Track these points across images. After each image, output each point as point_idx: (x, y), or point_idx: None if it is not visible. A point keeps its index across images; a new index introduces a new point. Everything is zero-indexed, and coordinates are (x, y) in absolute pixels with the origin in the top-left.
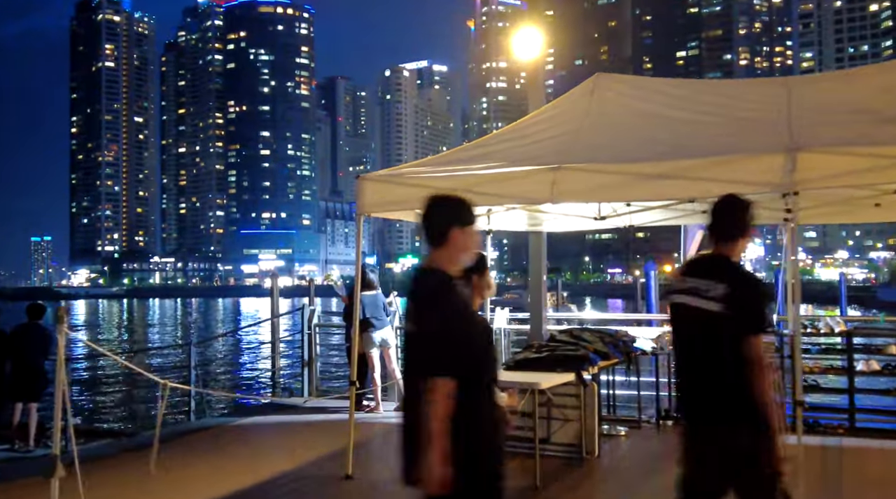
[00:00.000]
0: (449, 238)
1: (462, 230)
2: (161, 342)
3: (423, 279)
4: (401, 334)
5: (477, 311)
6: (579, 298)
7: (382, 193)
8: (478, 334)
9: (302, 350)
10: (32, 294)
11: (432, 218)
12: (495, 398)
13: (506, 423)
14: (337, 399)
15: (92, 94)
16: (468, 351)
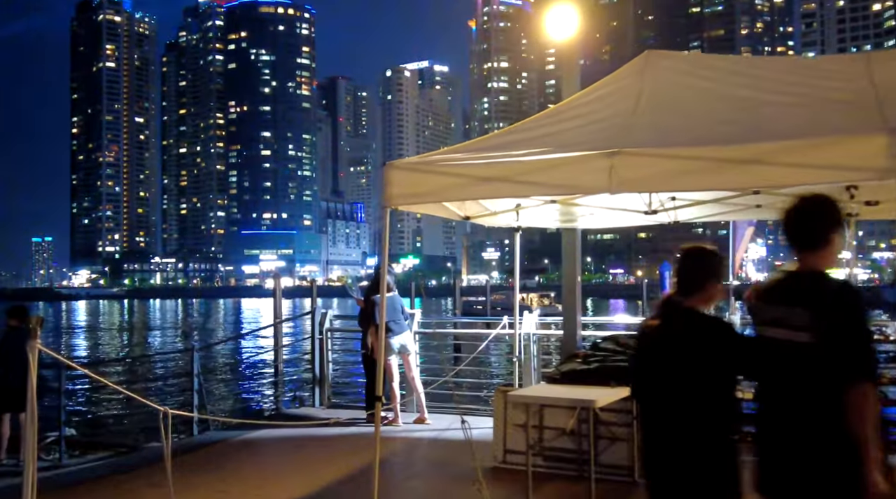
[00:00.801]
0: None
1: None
2: (162, 345)
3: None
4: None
5: None
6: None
7: (412, 184)
8: None
9: (313, 356)
10: (33, 295)
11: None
12: None
13: None
14: (352, 410)
15: (93, 95)
16: None
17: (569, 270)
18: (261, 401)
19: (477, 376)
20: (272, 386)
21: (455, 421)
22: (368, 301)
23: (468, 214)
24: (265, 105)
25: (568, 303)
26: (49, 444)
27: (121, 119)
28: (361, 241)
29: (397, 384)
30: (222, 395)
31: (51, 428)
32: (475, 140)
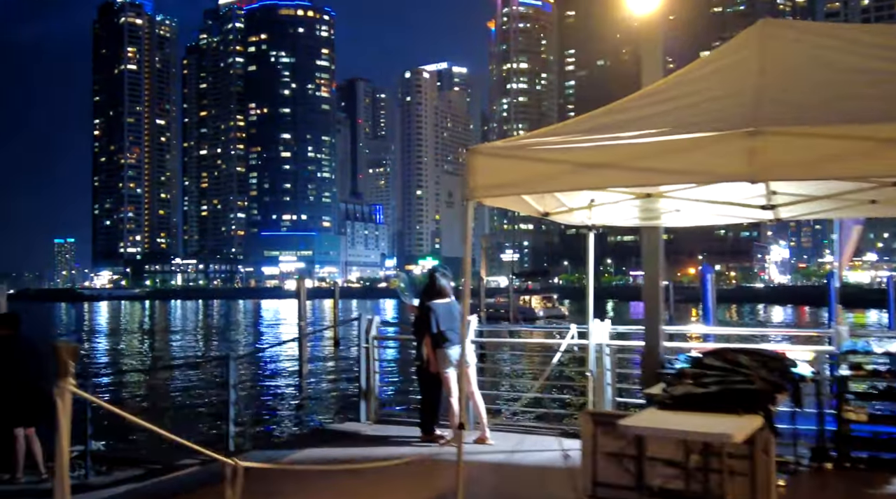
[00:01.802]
0: None
1: None
2: (195, 350)
3: None
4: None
5: None
6: (601, 301)
7: (500, 172)
8: None
9: (359, 367)
10: (56, 295)
11: None
12: None
13: None
14: (401, 426)
15: (114, 97)
16: None
17: (650, 274)
18: (302, 414)
19: (527, 390)
20: (314, 398)
21: (520, 442)
22: (424, 307)
23: (547, 210)
24: (285, 107)
25: (649, 312)
26: (74, 459)
27: (142, 121)
28: (380, 242)
29: (456, 400)
30: (260, 406)
31: (74, 441)
32: (564, 123)
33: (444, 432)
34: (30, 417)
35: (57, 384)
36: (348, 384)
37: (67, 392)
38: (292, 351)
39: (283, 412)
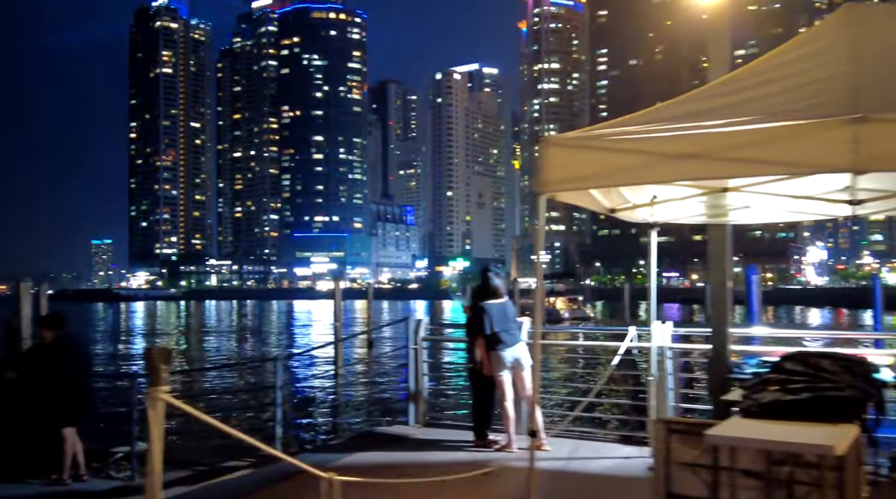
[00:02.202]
0: None
1: None
2: (233, 350)
3: None
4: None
5: None
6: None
7: (574, 164)
8: None
9: (408, 369)
10: (93, 296)
11: None
12: None
13: None
14: (450, 430)
15: (150, 101)
16: None
17: (717, 274)
18: (348, 417)
19: (584, 394)
20: (355, 399)
21: (576, 448)
22: (477, 308)
23: (614, 206)
24: (317, 109)
25: (717, 314)
26: (119, 459)
27: (177, 124)
28: (411, 243)
29: (511, 404)
30: (302, 408)
31: (118, 442)
32: (641, 112)
33: (497, 437)
34: (77, 417)
35: (148, 391)
36: (387, 386)
37: (160, 400)
38: (326, 352)
39: (326, 414)
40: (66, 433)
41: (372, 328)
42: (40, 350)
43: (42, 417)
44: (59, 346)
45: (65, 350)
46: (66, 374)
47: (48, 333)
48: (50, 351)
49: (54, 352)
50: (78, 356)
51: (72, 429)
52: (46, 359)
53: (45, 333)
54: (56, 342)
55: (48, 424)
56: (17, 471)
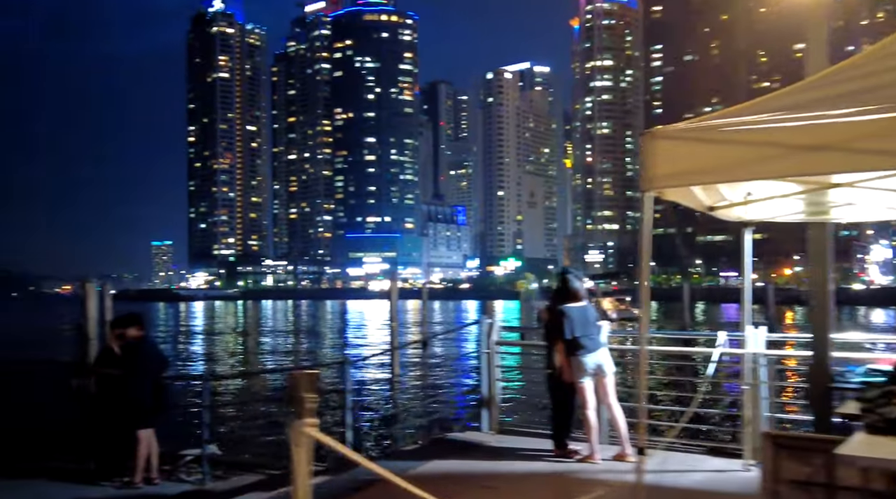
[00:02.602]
0: None
1: None
2: (298, 351)
3: None
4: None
5: None
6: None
7: (684, 158)
8: None
9: (481, 374)
10: (154, 296)
11: None
12: None
13: None
14: (525, 437)
15: (207, 105)
16: None
17: (818, 276)
18: (413, 421)
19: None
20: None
21: (664, 460)
22: (556, 312)
23: (712, 203)
24: (369, 111)
25: (818, 319)
26: (189, 462)
27: (234, 128)
28: (462, 243)
29: (593, 412)
30: (370, 412)
31: (188, 444)
32: (753, 101)
33: (577, 447)
34: (153, 418)
35: (293, 424)
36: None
37: (306, 434)
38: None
39: (389, 418)
40: (141, 435)
41: (446, 331)
42: (126, 351)
43: (119, 418)
44: (141, 346)
45: (146, 350)
46: (146, 374)
47: (134, 332)
48: (132, 351)
49: (137, 352)
50: (156, 356)
51: (148, 430)
52: (128, 359)
53: (131, 332)
54: (142, 343)
55: (125, 425)
56: (90, 473)
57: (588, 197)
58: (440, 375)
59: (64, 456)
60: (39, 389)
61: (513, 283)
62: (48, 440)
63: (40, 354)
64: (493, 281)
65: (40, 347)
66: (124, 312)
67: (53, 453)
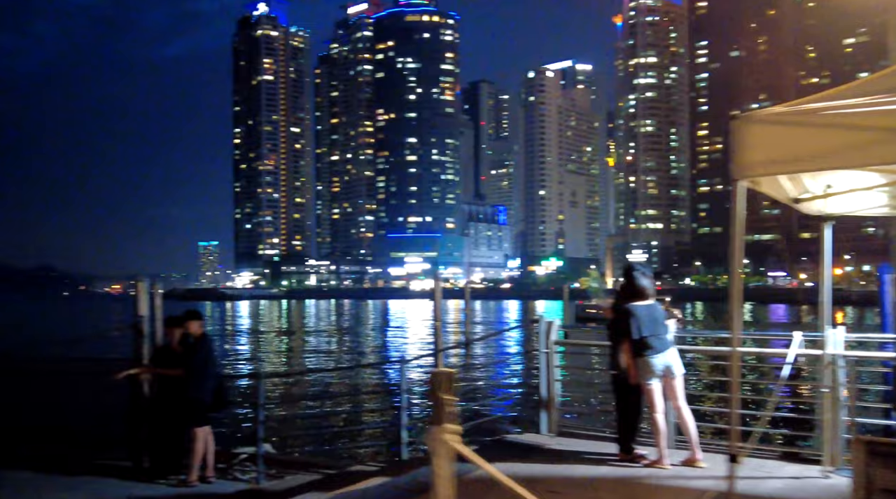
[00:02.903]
0: None
1: None
2: (347, 349)
3: None
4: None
5: None
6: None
7: (779, 144)
8: None
9: (539, 374)
10: (201, 295)
11: None
12: None
13: None
14: (585, 440)
15: (253, 107)
16: None
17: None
18: (472, 424)
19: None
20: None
21: (741, 464)
22: (622, 310)
23: (798, 194)
24: (411, 112)
25: None
26: (243, 460)
27: (278, 129)
28: (503, 243)
29: (662, 415)
30: (424, 412)
31: (241, 443)
32: (848, 85)
33: (644, 452)
34: (210, 415)
35: (432, 431)
36: (491, 388)
37: (445, 443)
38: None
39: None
40: (198, 432)
41: (499, 331)
42: (186, 347)
43: (178, 415)
44: (202, 342)
45: (207, 347)
46: (208, 371)
47: (196, 327)
48: (193, 348)
49: (198, 349)
50: (213, 353)
51: (206, 428)
52: (190, 356)
53: (193, 327)
54: (200, 339)
55: (183, 422)
56: (145, 471)
57: (631, 196)
58: (485, 375)
59: (118, 454)
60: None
61: (554, 282)
62: (103, 438)
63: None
64: (534, 281)
65: (93, 344)
66: (185, 309)
67: (108, 450)
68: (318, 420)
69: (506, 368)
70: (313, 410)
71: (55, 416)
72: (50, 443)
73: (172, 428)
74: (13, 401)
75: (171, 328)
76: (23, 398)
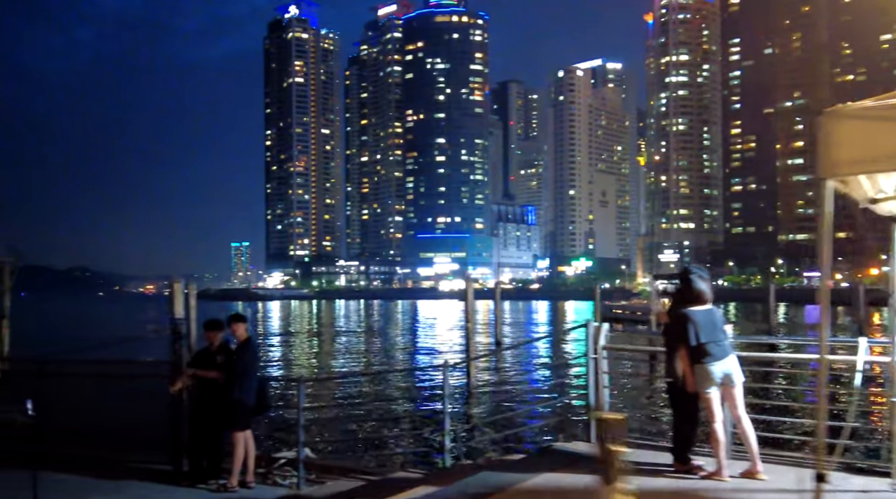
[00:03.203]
0: None
1: None
2: (379, 347)
3: None
4: None
5: None
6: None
7: (873, 141)
8: None
9: (588, 380)
10: (233, 295)
11: None
12: None
13: None
14: (638, 450)
15: (284, 109)
16: None
17: None
18: (520, 430)
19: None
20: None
21: (801, 478)
22: (679, 315)
23: (875, 194)
24: (440, 112)
25: None
26: (283, 465)
27: (309, 131)
28: (532, 243)
29: (720, 425)
30: (465, 418)
31: (283, 445)
32: None
33: (701, 462)
34: (251, 418)
35: (603, 490)
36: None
37: None
38: (458, 354)
39: (486, 425)
40: (239, 437)
41: (544, 335)
42: (226, 350)
43: (220, 419)
44: (247, 345)
45: (252, 349)
46: (252, 374)
47: (242, 330)
48: (238, 350)
49: (244, 351)
50: (258, 357)
51: (247, 432)
52: (235, 358)
53: (239, 330)
54: (245, 341)
55: (225, 426)
56: (184, 476)
57: (662, 195)
58: (523, 379)
59: (159, 457)
60: (133, 389)
61: (584, 283)
62: (143, 441)
63: (132, 353)
64: (563, 281)
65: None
66: (231, 312)
67: (148, 453)
68: (356, 424)
69: (543, 372)
70: (351, 413)
71: (96, 417)
72: (91, 445)
73: (212, 432)
74: (56, 402)
75: (211, 332)
76: (65, 400)
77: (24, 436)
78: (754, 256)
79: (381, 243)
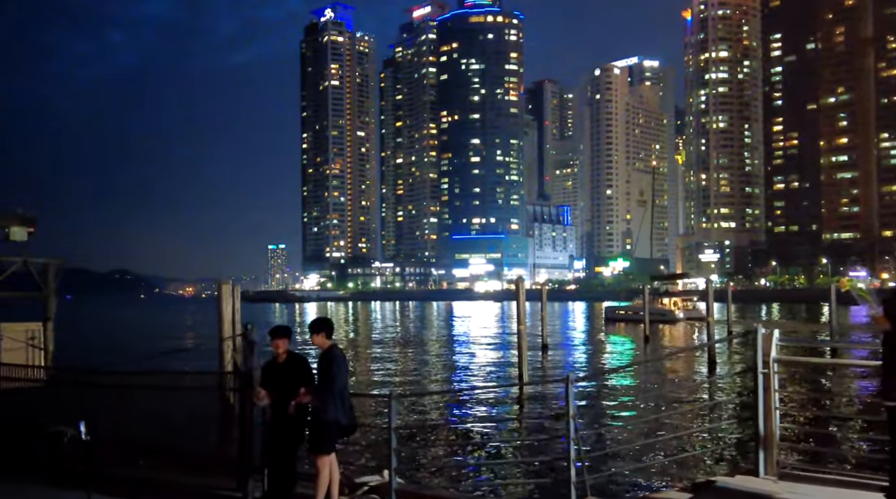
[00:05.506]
0: None
1: None
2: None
3: None
4: None
5: None
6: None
7: None
8: None
9: (755, 400)
10: (270, 297)
11: None
12: None
13: None
14: (823, 486)
15: (319, 112)
16: None
17: None
18: (666, 460)
19: None
20: (671, 436)
21: None
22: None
23: None
24: (475, 113)
25: None
26: (367, 492)
27: (344, 134)
28: (568, 244)
29: None
30: (608, 445)
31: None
32: None
33: None
34: (336, 440)
35: None
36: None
37: None
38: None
39: (617, 451)
40: (324, 461)
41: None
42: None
43: (294, 439)
44: (330, 356)
45: (336, 361)
46: (342, 389)
47: (322, 339)
48: (326, 361)
49: (331, 364)
50: (346, 368)
51: (330, 456)
52: (320, 372)
53: (319, 340)
54: (329, 352)
55: (309, 448)
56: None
57: (703, 194)
58: (657, 399)
59: (222, 482)
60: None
61: (621, 283)
62: (204, 462)
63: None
64: (600, 282)
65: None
66: (316, 318)
67: (210, 477)
68: (450, 446)
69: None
70: (441, 434)
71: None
72: (146, 464)
73: (288, 453)
74: (106, 415)
75: (279, 339)
76: (116, 415)
77: (76, 455)
78: (797, 256)
79: (416, 245)
